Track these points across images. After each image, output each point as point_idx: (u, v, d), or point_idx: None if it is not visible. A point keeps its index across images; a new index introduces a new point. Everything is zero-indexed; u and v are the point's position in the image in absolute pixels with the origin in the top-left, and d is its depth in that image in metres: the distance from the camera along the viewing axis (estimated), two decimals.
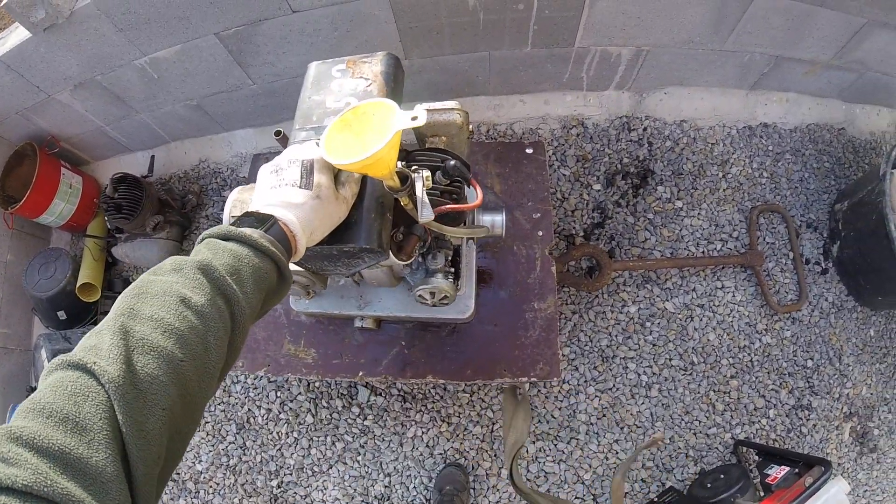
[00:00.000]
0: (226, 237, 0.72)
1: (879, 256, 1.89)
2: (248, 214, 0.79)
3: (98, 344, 0.53)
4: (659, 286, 2.08)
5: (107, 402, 0.48)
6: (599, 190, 2.17)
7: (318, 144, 0.89)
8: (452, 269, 1.24)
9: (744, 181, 2.20)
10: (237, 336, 0.68)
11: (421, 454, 2.01)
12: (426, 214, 0.88)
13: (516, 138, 2.23)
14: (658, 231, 2.12)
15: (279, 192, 0.81)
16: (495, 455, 2.00)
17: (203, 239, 0.74)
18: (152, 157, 2.27)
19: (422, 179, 0.86)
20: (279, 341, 1.72)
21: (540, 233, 1.76)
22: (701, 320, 2.07)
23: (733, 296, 2.10)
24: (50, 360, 1.96)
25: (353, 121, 0.84)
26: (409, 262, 1.07)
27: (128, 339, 0.53)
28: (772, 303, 2.07)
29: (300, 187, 0.81)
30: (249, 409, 2.12)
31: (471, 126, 1.31)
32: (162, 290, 0.60)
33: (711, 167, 2.18)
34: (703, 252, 2.11)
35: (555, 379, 1.64)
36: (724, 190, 2.17)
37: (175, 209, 2.19)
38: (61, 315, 2.21)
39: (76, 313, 2.24)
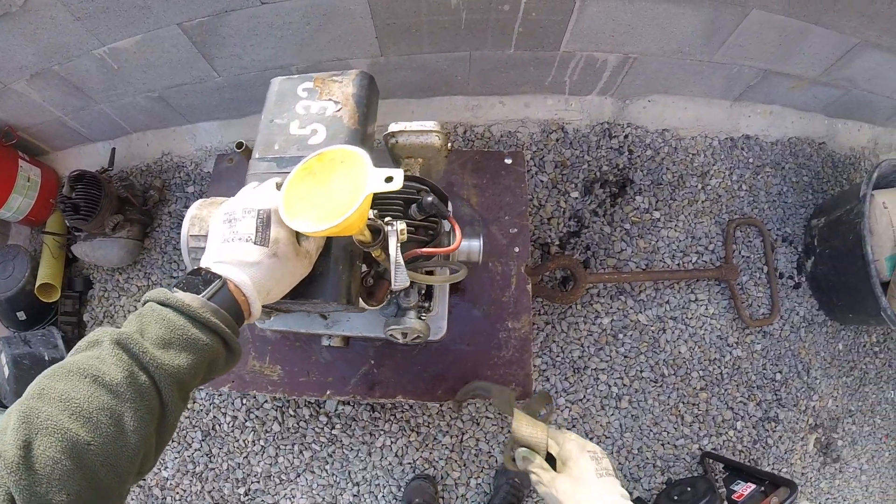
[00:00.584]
0: (164, 303, 0.63)
1: (854, 276, 1.85)
2: (195, 273, 0.69)
3: (4, 426, 0.51)
4: (633, 298, 2.01)
5: (7, 485, 0.47)
6: (577, 198, 2.08)
7: (278, 186, 0.77)
8: (426, 305, 1.14)
9: (723, 193, 2.13)
10: (169, 413, 0.60)
11: (390, 464, 1.94)
12: (400, 280, 0.77)
13: (494, 140, 2.12)
14: (634, 242, 2.05)
15: (231, 248, 0.71)
16: (464, 464, 1.94)
17: (144, 302, 0.65)
18: (113, 149, 2.10)
19: (396, 234, 0.75)
20: (244, 357, 1.61)
21: (516, 249, 1.67)
22: (673, 333, 2.01)
23: (706, 309, 2.05)
24: (10, 365, 1.82)
25: (318, 169, 0.72)
26: (378, 307, 0.97)
27: (31, 421, 0.50)
28: (744, 316, 2.03)
29: (255, 243, 0.71)
30: (215, 417, 2.02)
31: (449, 144, 1.20)
32: (76, 369, 0.55)
33: (691, 178, 2.11)
34: (678, 264, 2.05)
35: (527, 399, 1.57)
36: (702, 202, 2.10)
37: (136, 206, 2.03)
38: (21, 316, 2.06)
39: (36, 314, 2.09)
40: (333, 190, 0.70)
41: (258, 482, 1.99)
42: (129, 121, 2.11)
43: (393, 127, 1.07)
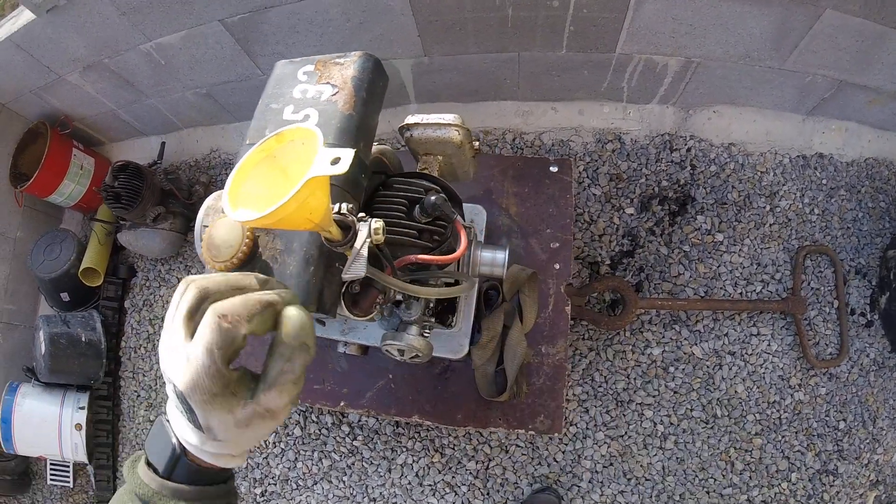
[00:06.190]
0: (130, 484, 0.50)
1: None
2: (160, 431, 0.50)
3: None
4: (688, 328, 1.72)
5: None
6: (632, 214, 1.80)
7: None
8: (432, 320, 0.93)
9: (793, 217, 1.80)
10: None
11: (409, 483, 1.73)
12: (353, 271, 0.57)
13: (545, 149, 1.88)
14: (693, 266, 1.75)
15: (171, 410, 0.48)
16: (488, 493, 1.71)
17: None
18: (163, 143, 2.02)
19: (369, 230, 0.55)
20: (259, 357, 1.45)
21: (557, 266, 1.43)
22: (730, 369, 1.70)
23: (769, 345, 1.72)
24: (47, 342, 1.74)
25: (279, 151, 0.53)
26: (367, 318, 0.77)
27: None
28: (809, 356, 1.69)
29: (189, 422, 0.46)
30: None
31: (476, 143, 1.00)
32: None
33: (759, 199, 1.79)
34: (741, 293, 1.73)
35: (556, 434, 1.32)
36: (770, 225, 1.78)
37: (179, 200, 1.94)
38: (64, 297, 2.01)
39: (80, 296, 2.04)
40: (292, 175, 0.51)
41: (275, 485, 1.84)
42: (179, 116, 2.03)
43: (409, 119, 0.89)
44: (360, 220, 0.57)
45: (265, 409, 0.44)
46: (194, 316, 0.43)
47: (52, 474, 2.04)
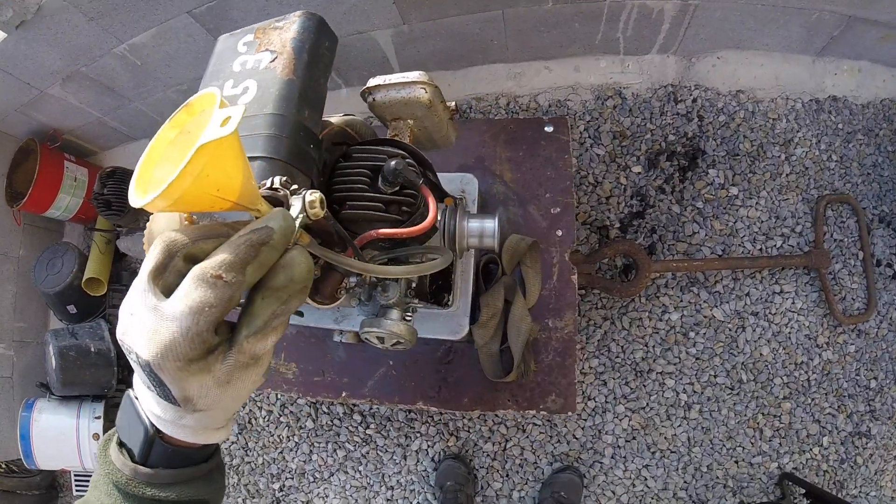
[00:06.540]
0: (104, 467, 0.44)
1: None
2: (129, 409, 0.44)
3: None
4: (707, 290, 1.61)
5: None
6: (640, 173, 1.69)
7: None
8: (416, 301, 0.85)
9: (810, 165, 1.66)
10: None
11: (425, 469, 1.68)
12: None
13: (542, 111, 1.77)
14: (708, 223, 1.64)
15: (139, 387, 0.43)
16: (507, 475, 1.64)
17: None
18: None
19: (302, 204, 0.47)
20: None
21: (559, 232, 1.33)
22: (754, 331, 1.60)
23: (793, 303, 1.61)
24: (56, 356, 1.72)
25: (191, 124, 0.46)
26: (335, 304, 0.70)
27: None
28: (836, 312, 1.58)
29: (159, 396, 0.39)
30: (251, 410, 1.85)
31: (451, 104, 0.91)
32: None
33: (772, 147, 1.66)
34: (760, 250, 1.62)
35: (569, 413, 1.24)
36: (786, 175, 1.65)
37: None
38: (71, 309, 1.99)
39: (87, 307, 2.02)
40: None
41: (292, 479, 1.81)
42: (164, 116, 1.91)
43: (370, 81, 0.80)
44: (293, 192, 0.49)
45: (250, 356, 0.38)
46: (162, 273, 0.37)
47: (77, 485, 2.04)
